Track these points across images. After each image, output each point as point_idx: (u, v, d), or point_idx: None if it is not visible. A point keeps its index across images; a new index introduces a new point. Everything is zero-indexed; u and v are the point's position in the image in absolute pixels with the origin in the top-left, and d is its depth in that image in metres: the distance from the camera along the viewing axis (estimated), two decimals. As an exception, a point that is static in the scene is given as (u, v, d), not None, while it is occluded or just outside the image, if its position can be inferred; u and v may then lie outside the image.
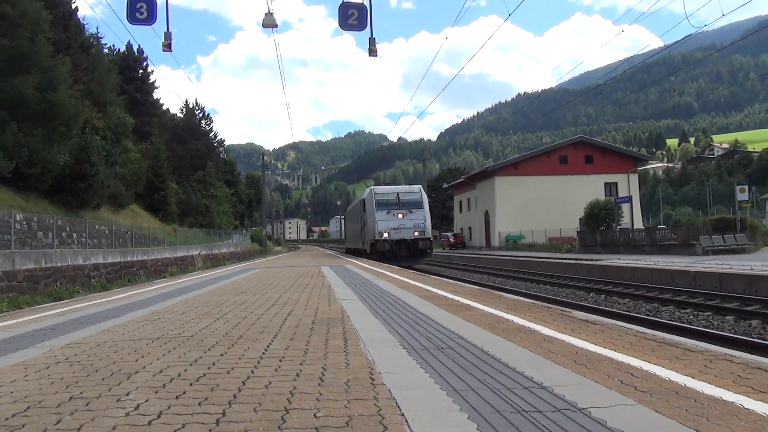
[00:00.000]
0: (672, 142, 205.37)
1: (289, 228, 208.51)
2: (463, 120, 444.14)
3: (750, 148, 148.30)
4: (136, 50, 50.50)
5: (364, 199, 28.29)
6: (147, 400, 2.91)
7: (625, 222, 35.41)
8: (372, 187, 28.53)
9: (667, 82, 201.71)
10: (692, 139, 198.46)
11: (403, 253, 25.59)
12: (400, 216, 25.84)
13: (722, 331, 9.10)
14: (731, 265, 16.63)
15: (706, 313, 11.08)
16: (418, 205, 26.40)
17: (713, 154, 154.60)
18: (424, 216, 26.22)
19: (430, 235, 26.74)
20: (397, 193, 27.00)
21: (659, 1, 21.00)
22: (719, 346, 4.31)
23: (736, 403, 2.64)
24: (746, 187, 32.94)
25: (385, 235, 25.47)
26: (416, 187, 28.05)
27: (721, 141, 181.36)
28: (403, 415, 2.57)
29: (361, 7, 11.60)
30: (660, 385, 3.00)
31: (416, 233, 25.68)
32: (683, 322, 10.17)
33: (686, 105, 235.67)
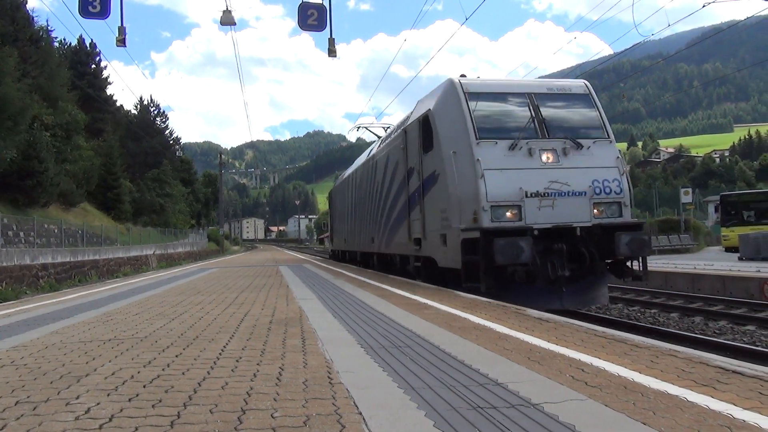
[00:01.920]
0: (621, 146, 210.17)
1: (247, 227, 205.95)
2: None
3: (693, 152, 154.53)
4: (88, 45, 48.90)
5: (428, 114, 10.42)
6: (98, 404, 2.84)
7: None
8: (454, 78, 10.19)
9: (617, 88, 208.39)
10: (640, 144, 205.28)
11: (566, 273, 8.63)
12: (548, 158, 9.24)
13: (668, 328, 9.45)
14: (676, 264, 17.29)
15: (652, 311, 11.49)
16: (592, 126, 9.93)
17: (659, 158, 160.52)
18: (614, 157, 9.70)
19: (629, 213, 9.46)
20: (530, 96, 9.90)
21: (609, 10, 21.67)
22: (665, 342, 4.49)
23: (680, 397, 2.76)
24: (690, 190, 34.33)
25: (509, 214, 8.82)
26: (578, 84, 10.73)
27: (667, 145, 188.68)
28: (360, 413, 2.58)
29: (320, 8, 11.57)
30: (609, 380, 3.10)
31: (597, 210, 9.14)
32: (631, 319, 10.52)
33: (634, 110, 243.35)
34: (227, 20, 13.79)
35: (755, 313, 10.16)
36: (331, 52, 12.62)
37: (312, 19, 11.61)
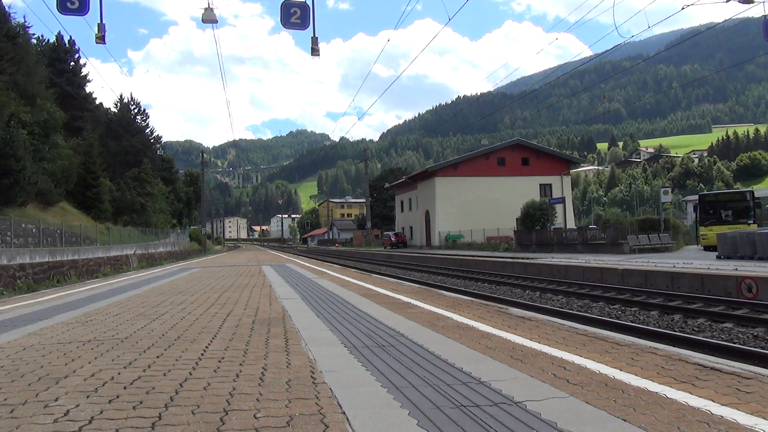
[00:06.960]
0: (602, 146, 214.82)
1: (229, 227, 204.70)
2: (404, 121, 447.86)
3: (672, 152, 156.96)
4: (67, 41, 48.10)
5: None
6: (77, 406, 2.80)
7: (558, 222, 36.68)
8: None
9: (598, 89, 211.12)
10: (621, 144, 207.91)
11: None
12: None
13: (647, 326, 9.57)
14: (656, 263, 17.50)
15: (632, 309, 11.62)
16: None
17: (640, 158, 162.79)
18: None
19: None
20: None
21: (589, 12, 21.88)
22: (645, 340, 4.55)
23: (660, 393, 2.80)
24: (669, 189, 34.76)
25: None
26: None
27: (647, 145, 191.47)
28: (344, 413, 2.57)
29: (303, 6, 11.51)
30: (590, 378, 3.13)
31: None
32: (612, 318, 10.63)
33: (615, 111, 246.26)
34: (209, 18, 13.66)
35: (733, 311, 10.33)
36: (314, 51, 12.54)
37: (295, 17, 11.53)
